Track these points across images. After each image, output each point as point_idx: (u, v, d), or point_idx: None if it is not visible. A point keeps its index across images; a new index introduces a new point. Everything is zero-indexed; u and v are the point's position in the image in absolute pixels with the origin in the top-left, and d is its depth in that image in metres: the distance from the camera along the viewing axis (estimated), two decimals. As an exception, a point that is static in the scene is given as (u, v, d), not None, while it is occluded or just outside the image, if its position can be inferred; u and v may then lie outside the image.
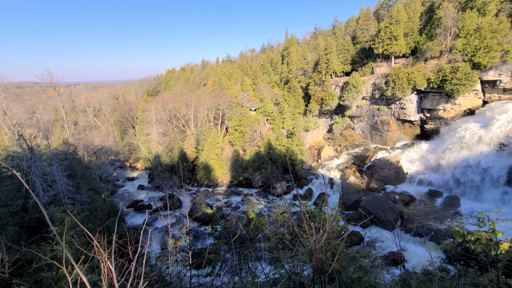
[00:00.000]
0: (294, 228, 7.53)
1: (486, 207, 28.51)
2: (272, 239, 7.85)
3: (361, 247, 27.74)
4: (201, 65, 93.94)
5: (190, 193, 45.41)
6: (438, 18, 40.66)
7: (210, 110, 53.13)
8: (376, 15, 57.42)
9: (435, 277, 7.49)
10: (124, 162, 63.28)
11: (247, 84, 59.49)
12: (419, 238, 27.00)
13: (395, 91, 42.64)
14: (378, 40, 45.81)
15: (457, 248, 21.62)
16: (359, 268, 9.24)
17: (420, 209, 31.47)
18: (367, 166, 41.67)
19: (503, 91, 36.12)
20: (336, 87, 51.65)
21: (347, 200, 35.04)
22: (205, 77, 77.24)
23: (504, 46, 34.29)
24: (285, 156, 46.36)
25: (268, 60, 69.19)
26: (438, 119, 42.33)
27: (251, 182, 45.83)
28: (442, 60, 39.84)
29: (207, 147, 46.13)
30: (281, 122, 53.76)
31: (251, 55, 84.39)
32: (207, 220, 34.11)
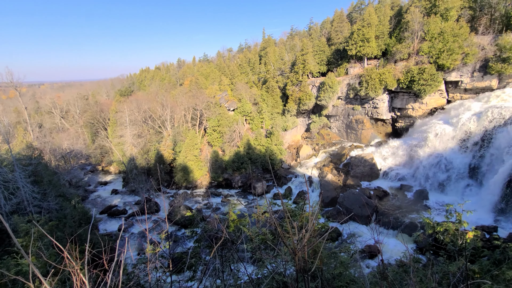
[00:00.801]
0: (276, 228, 7.49)
1: (452, 199, 30.66)
2: (254, 239, 7.78)
3: (340, 243, 28.59)
4: (177, 65, 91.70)
5: (168, 196, 44.13)
6: (406, 22, 43.00)
7: (188, 110, 51.99)
8: (349, 17, 59.52)
9: (410, 268, 7.83)
10: (96, 166, 60.03)
11: (225, 84, 59.01)
12: (393, 231, 28.36)
13: (368, 91, 44.47)
14: (352, 42, 47.51)
15: (427, 239, 22.99)
16: (339, 264, 9.44)
17: (393, 203, 33.08)
18: (344, 164, 43.06)
19: (464, 91, 39.02)
20: (313, 87, 52.84)
21: (326, 197, 35.95)
22: (181, 76, 75.49)
23: (465, 49, 37.04)
24: (265, 155, 46.58)
25: (245, 60, 69.13)
26: (408, 118, 44.80)
27: (231, 182, 45.50)
28: (410, 62, 42.19)
29: (185, 148, 45.09)
30: (260, 122, 53.96)
31: (229, 54, 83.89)
32: (187, 223, 33.32)
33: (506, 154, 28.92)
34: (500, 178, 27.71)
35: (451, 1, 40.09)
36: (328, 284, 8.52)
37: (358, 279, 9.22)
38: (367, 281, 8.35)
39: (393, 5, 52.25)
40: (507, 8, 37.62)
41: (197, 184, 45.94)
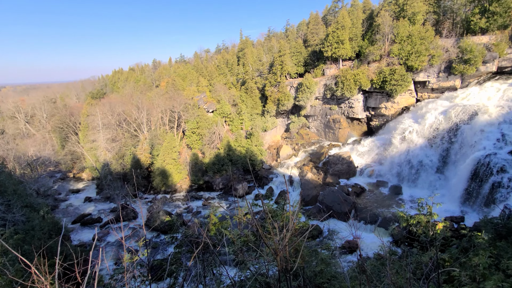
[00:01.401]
0: (258, 229, 7.40)
1: (424, 193, 32.43)
2: (236, 242, 7.68)
3: (321, 240, 29.18)
4: (152, 66, 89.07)
5: (146, 202, 42.66)
6: (377, 25, 44.96)
7: (165, 112, 50.63)
8: (324, 20, 61.14)
9: (387, 261, 8.11)
10: (67, 173, 56.62)
11: (203, 85, 58.23)
12: (370, 226, 29.44)
13: (344, 92, 45.93)
14: (327, 44, 48.83)
15: (402, 232, 24.12)
16: (320, 261, 9.59)
17: (370, 199, 34.36)
18: (323, 162, 44.09)
19: (431, 91, 41.52)
20: (291, 88, 53.64)
21: (306, 196, 36.56)
22: (157, 78, 73.41)
23: (431, 51, 39.41)
24: (245, 157, 46.49)
25: (223, 61, 68.69)
26: (381, 116, 46.83)
27: (211, 185, 44.89)
28: (382, 63, 44.16)
29: (163, 151, 43.84)
30: (239, 123, 53.80)
31: (206, 55, 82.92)
32: (167, 229, 32.35)
33: (470, 148, 31.13)
34: (464, 171, 29.75)
35: (418, 6, 42.52)
36: (310, 282, 8.60)
37: (339, 275, 9.42)
38: (347, 276, 8.56)
39: (365, 9, 54.43)
40: (466, 13, 40.58)
41: (177, 188, 44.83)
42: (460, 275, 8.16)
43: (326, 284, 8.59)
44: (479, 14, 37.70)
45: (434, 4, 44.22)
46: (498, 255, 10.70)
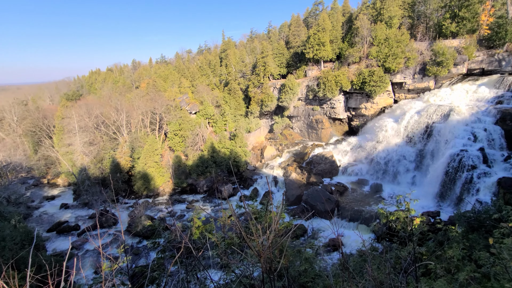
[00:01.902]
0: (241, 231, 7.28)
1: (402, 190, 33.67)
2: (220, 245, 7.58)
3: (306, 239, 29.51)
4: (131, 66, 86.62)
5: (127, 207, 41.27)
6: (356, 28, 46.33)
7: (146, 114, 49.29)
8: (305, 22, 62.19)
9: (368, 257, 8.31)
10: (40, 179, 53.64)
11: (185, 86, 57.31)
12: (353, 223, 30.16)
13: (326, 92, 46.88)
14: (309, 46, 49.67)
15: (382, 228, 24.90)
16: (304, 260, 9.65)
17: (352, 197, 35.22)
18: (306, 162, 44.68)
19: (408, 91, 43.30)
20: (274, 89, 54.02)
21: (291, 196, 36.87)
22: (137, 79, 71.44)
23: (406, 54, 41.13)
24: (230, 158, 46.19)
25: (206, 62, 68.03)
26: (362, 116, 48.23)
27: (195, 187, 44.19)
28: (362, 65, 45.54)
29: (144, 154, 42.62)
30: (223, 125, 53.42)
31: (188, 56, 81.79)
32: (149, 234, 31.45)
33: (444, 146, 32.73)
34: (439, 168, 31.22)
35: (393, 10, 44.29)
36: (294, 282, 8.63)
37: (323, 273, 9.53)
38: (330, 274, 8.67)
39: (344, 12, 55.95)
40: (438, 18, 42.77)
41: (159, 191, 43.72)
42: (435, 267, 8.49)
43: (310, 283, 8.66)
44: (450, 19, 39.82)
45: (408, 8, 46.26)
46: (470, 246, 11.27)
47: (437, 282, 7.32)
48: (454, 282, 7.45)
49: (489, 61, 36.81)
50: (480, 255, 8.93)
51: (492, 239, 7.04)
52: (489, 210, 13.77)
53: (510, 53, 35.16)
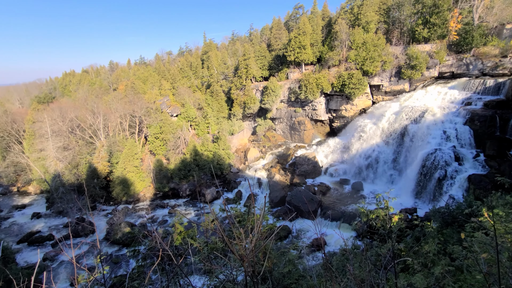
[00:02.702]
0: (226, 235, 7.09)
1: (382, 188, 34.85)
2: (202, 250, 7.41)
3: (290, 240, 29.68)
4: (109, 68, 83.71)
5: (106, 214, 39.62)
6: (335, 32, 47.58)
7: (124, 117, 47.68)
8: (286, 25, 63.07)
9: (350, 256, 8.44)
10: (9, 187, 50.22)
11: (165, 88, 56.11)
12: (336, 222, 30.73)
13: (307, 95, 47.67)
14: (290, 49, 50.37)
15: (363, 226, 25.58)
16: (288, 262, 9.64)
17: (335, 196, 35.95)
18: (290, 164, 45.11)
19: (385, 93, 45.00)
20: (257, 91, 54.20)
21: (275, 197, 37.01)
22: (115, 80, 69.05)
23: (383, 57, 42.77)
24: (213, 161, 45.67)
25: (187, 63, 67.06)
26: (342, 118, 49.49)
27: (178, 192, 43.22)
28: (341, 68, 46.79)
29: (123, 159, 41.15)
30: (205, 127, 52.78)
31: (168, 58, 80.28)
32: (129, 242, 30.33)
33: (419, 146, 34.26)
34: (415, 166, 32.63)
35: (370, 15, 45.99)
36: (278, 284, 8.58)
37: (307, 273, 9.57)
38: (314, 275, 8.71)
39: (324, 16, 57.33)
40: (412, 24, 44.89)
41: (140, 197, 42.34)
42: (413, 263, 8.77)
43: (294, 284, 8.66)
44: (422, 25, 41.92)
45: (384, 14, 48.22)
46: (445, 241, 11.80)
47: (414, 277, 7.56)
48: (431, 276, 7.73)
49: (458, 65, 39.09)
50: (453, 249, 9.35)
51: (464, 234, 7.38)
52: (461, 206, 14.51)
53: (477, 58, 37.54)
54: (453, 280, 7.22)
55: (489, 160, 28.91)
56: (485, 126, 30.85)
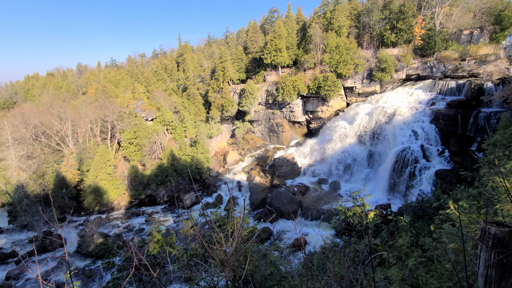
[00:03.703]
0: (207, 240, 6.87)
1: (358, 186, 36.06)
2: (182, 258, 7.17)
3: (272, 241, 29.74)
4: (77, 70, 79.40)
5: (77, 225, 37.28)
6: (309, 35, 48.89)
7: (95, 122, 45.30)
8: (262, 29, 63.71)
9: (330, 254, 8.59)
10: (-36, 202, 45.56)
11: (139, 91, 54.22)
12: (316, 221, 31.32)
13: (285, 97, 48.40)
14: (266, 51, 50.93)
15: (342, 224, 26.30)
16: (270, 264, 9.62)
17: (314, 196, 36.67)
18: (269, 165, 45.37)
19: (358, 95, 46.88)
20: (234, 93, 54.07)
21: (255, 200, 36.96)
22: (84, 84, 65.57)
23: (355, 60, 44.58)
24: (191, 165, 44.71)
25: (162, 66, 65.36)
26: (319, 119, 50.78)
27: (155, 198, 41.74)
28: (316, 70, 48.09)
29: (95, 166, 39.03)
30: (183, 131, 51.63)
31: (142, 60, 77.75)
32: (103, 253, 28.72)
33: (391, 144, 36.00)
34: (388, 164, 34.23)
35: (342, 20, 47.84)
36: (260, 286, 8.50)
37: (289, 274, 9.59)
38: (295, 275, 8.75)
39: (298, 20, 58.69)
40: (380, 29, 47.32)
41: (114, 205, 40.33)
42: (388, 257, 9.11)
43: (276, 286, 8.63)
44: (389, 30, 44.34)
45: (355, 19, 50.40)
46: (417, 234, 12.41)
47: (390, 270, 7.86)
48: (405, 268, 8.06)
49: (423, 68, 41.76)
50: (424, 241, 9.86)
51: (433, 226, 7.79)
52: (430, 200, 15.38)
53: (439, 61, 40.34)
54: (425, 270, 7.59)
55: (453, 156, 31.07)
56: (448, 124, 33.16)
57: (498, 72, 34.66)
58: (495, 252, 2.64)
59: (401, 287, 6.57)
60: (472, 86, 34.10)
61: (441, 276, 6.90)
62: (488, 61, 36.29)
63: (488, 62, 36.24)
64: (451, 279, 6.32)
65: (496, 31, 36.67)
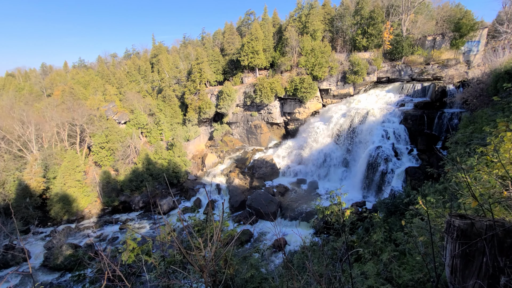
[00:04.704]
0: (187, 245, 6.67)
1: (335, 185, 37.12)
2: (159, 266, 6.90)
3: (252, 243, 29.68)
4: (41, 71, 74.23)
5: (43, 237, 34.70)
6: (286, 38, 49.73)
7: (62, 126, 42.56)
8: (239, 30, 63.77)
9: (309, 253, 8.71)
10: None
11: (111, 93, 51.87)
12: (295, 221, 31.76)
13: (262, 99, 48.74)
14: (243, 53, 51.02)
15: (320, 223, 26.90)
16: (250, 266, 9.56)
17: (293, 196, 37.17)
18: (248, 167, 45.35)
19: (333, 97, 48.43)
20: (212, 95, 53.50)
21: (235, 202, 36.71)
22: (49, 85, 61.45)
23: (330, 63, 46.03)
24: (168, 169, 43.46)
25: (135, 67, 63.07)
26: (296, 120, 51.72)
27: (130, 205, 39.99)
28: (293, 73, 48.99)
29: (63, 172, 36.62)
30: (158, 134, 50.09)
31: (113, 60, 74.48)
32: (73, 265, 26.96)
33: (364, 144, 37.53)
34: (362, 163, 35.64)
35: (316, 24, 49.24)
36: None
37: (269, 275, 9.59)
38: (276, 276, 8.76)
39: (274, 23, 59.49)
40: (353, 33, 49.34)
41: (84, 214, 38.08)
42: (364, 252, 9.43)
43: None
44: (361, 34, 46.35)
45: (329, 23, 52.10)
46: (390, 229, 13.00)
47: (366, 265, 8.13)
48: (380, 263, 8.39)
49: (392, 71, 44.12)
50: (397, 235, 10.34)
51: (404, 221, 8.19)
52: (401, 196, 16.20)
53: (407, 65, 42.85)
54: (398, 263, 7.95)
55: (421, 154, 33.07)
56: (416, 124, 35.26)
57: (459, 76, 37.53)
58: (459, 243, 2.81)
59: (376, 281, 6.81)
60: (436, 88, 36.60)
61: (412, 268, 7.26)
62: (449, 65, 39.19)
63: (450, 66, 39.15)
64: (422, 271, 6.67)
65: (456, 37, 39.74)
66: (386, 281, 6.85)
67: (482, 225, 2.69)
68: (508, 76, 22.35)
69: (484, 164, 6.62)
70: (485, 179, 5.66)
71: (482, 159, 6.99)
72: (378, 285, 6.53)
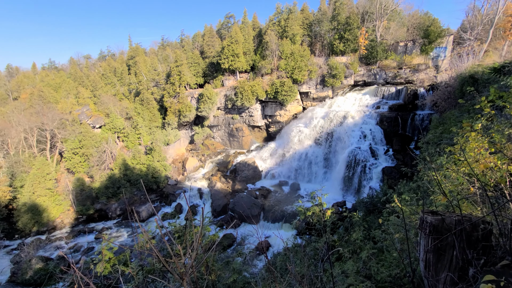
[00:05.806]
0: (167, 253, 6.45)
1: (316, 186, 37.63)
2: (137, 276, 6.60)
3: (234, 248, 29.38)
4: (6, 73, 69.53)
5: (9, 250, 32.23)
6: (266, 42, 50.24)
7: (30, 131, 39.98)
8: (218, 33, 63.52)
9: (290, 254, 8.75)
10: None
11: (84, 96, 49.57)
12: (278, 223, 31.89)
13: (244, 102, 48.74)
14: (224, 56, 50.85)
15: (302, 224, 27.22)
16: (232, 271, 9.43)
17: (276, 199, 37.33)
18: (230, 170, 45.02)
19: (313, 100, 49.47)
20: (192, 98, 52.71)
21: (217, 206, 36.24)
22: (15, 88, 57.61)
23: (309, 67, 47.05)
24: (147, 174, 42.10)
25: (110, 69, 60.80)
26: (277, 123, 52.20)
27: (106, 213, 38.22)
28: (274, 76, 49.52)
29: (31, 181, 34.32)
30: (136, 138, 48.46)
31: (87, 62, 71.39)
32: (43, 280, 25.22)
33: (343, 145, 38.60)
34: (341, 164, 36.61)
35: (295, 28, 50.25)
36: (223, 296, 8.25)
37: (252, 279, 9.51)
38: (258, 279, 8.70)
39: (254, 27, 59.94)
40: (330, 38, 50.85)
41: (56, 224, 35.86)
42: (344, 251, 9.62)
43: (240, 292, 8.48)
44: (338, 39, 47.88)
45: (307, 28, 53.35)
46: (369, 227, 13.39)
47: (346, 264, 8.30)
48: (359, 261, 8.59)
49: (368, 75, 45.93)
50: (375, 233, 10.66)
51: (382, 219, 8.47)
52: (379, 195, 16.78)
53: (381, 69, 44.80)
54: (377, 261, 8.18)
55: (396, 154, 34.55)
56: (391, 125, 36.86)
57: (428, 79, 39.81)
58: (431, 238, 2.92)
59: (356, 279, 6.96)
60: (408, 91, 38.54)
61: (390, 265, 7.50)
62: (420, 70, 41.47)
63: (420, 71, 41.43)
64: (399, 266, 6.91)
65: (425, 43, 42.16)
66: (366, 279, 7.03)
67: (451, 221, 2.82)
68: (472, 80, 24.01)
69: (453, 163, 7.01)
70: (454, 176, 5.98)
71: (451, 158, 7.40)
72: (358, 282, 6.68)
